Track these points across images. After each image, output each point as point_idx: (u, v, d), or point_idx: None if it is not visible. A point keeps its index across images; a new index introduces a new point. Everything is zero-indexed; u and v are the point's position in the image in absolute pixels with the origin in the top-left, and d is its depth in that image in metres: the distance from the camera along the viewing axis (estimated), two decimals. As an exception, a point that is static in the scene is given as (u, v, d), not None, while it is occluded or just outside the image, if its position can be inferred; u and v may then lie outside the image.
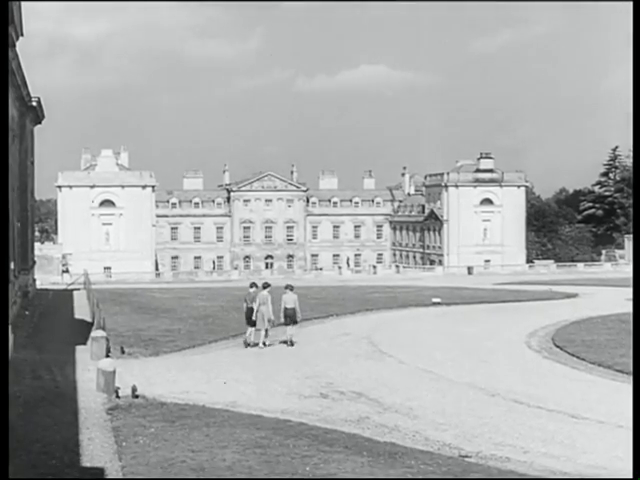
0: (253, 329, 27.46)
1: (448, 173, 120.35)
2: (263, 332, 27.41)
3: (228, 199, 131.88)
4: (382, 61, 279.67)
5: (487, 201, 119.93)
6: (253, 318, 27.25)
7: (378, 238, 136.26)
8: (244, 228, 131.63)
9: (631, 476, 11.66)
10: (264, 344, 27.24)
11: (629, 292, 46.67)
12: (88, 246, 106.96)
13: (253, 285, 28.61)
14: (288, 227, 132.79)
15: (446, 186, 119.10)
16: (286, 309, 27.95)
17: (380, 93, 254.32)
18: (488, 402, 18.92)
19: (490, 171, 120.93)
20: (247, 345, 27.27)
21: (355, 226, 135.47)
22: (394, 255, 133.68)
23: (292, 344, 27.58)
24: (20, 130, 37.69)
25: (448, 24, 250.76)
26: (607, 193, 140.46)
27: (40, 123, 46.43)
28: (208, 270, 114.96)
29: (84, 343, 25.05)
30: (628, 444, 13.17)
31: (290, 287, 28.86)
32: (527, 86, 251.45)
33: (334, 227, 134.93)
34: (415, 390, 20.21)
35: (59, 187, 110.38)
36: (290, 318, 27.91)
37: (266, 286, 28.03)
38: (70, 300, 44.02)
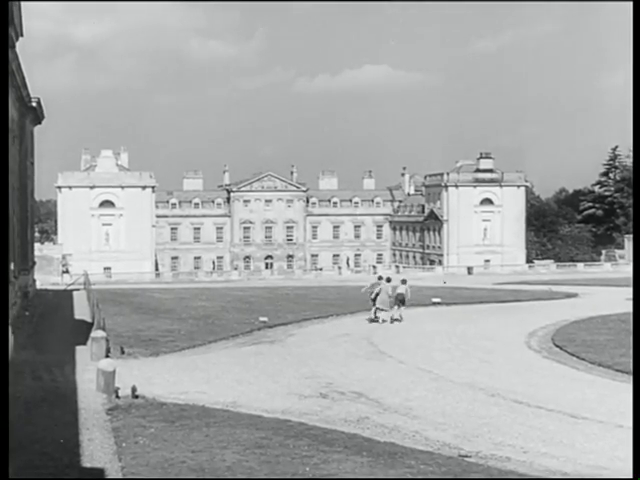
0: (376, 308, 35.50)
1: (448, 173, 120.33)
2: (384, 312, 35.35)
3: (228, 199, 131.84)
4: (384, 61, 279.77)
5: (487, 201, 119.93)
6: (377, 302, 35.42)
7: (378, 238, 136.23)
8: (244, 228, 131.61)
9: (631, 476, 11.67)
10: (384, 320, 35.06)
11: (629, 292, 46.68)
12: (88, 247, 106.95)
13: (380, 278, 37.32)
14: (288, 227, 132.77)
15: (446, 186, 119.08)
16: (398, 294, 36.38)
17: (380, 93, 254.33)
18: (488, 402, 18.91)
19: (490, 171, 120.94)
20: (372, 321, 35.19)
21: (355, 226, 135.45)
22: (394, 255, 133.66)
23: (401, 319, 35.70)
24: (20, 131, 37.68)
25: (449, 24, 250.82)
26: (607, 193, 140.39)
27: (40, 124, 46.43)
28: (208, 270, 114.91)
29: (84, 343, 25.05)
30: (628, 444, 13.17)
31: (404, 281, 37.81)
32: (527, 86, 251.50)
33: (334, 227, 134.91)
34: (415, 390, 20.20)
35: (59, 188, 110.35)
36: (401, 302, 36.35)
37: (389, 280, 36.92)
38: (70, 300, 44.02)
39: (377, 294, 35.42)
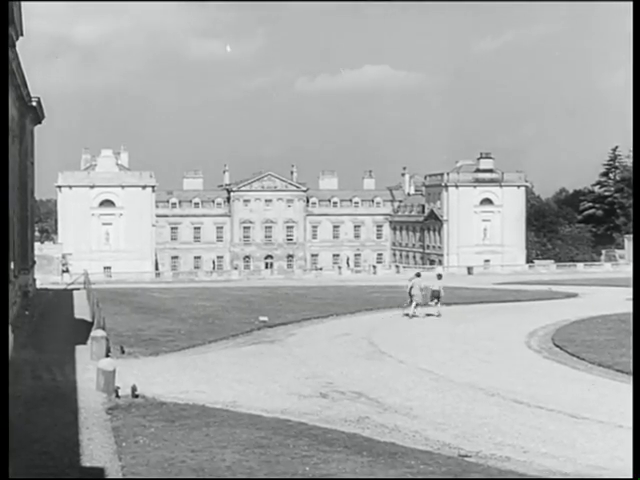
0: (414, 304, 37.18)
1: (448, 173, 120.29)
2: (413, 306, 37.08)
3: (228, 199, 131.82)
4: (385, 61, 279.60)
5: (487, 201, 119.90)
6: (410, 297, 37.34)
7: (378, 238, 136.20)
8: (244, 228, 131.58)
9: (631, 476, 11.67)
10: (414, 315, 36.92)
11: (629, 292, 46.63)
12: (88, 246, 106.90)
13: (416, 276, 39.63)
14: (288, 227, 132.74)
15: (446, 186, 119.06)
16: (433, 290, 38.08)
17: (381, 93, 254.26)
18: (488, 402, 18.91)
19: (490, 171, 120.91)
20: (407, 315, 37.03)
21: (355, 226, 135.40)
22: (394, 255, 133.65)
23: (439, 315, 37.41)
24: (20, 130, 37.68)
25: (450, 25, 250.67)
26: (607, 193, 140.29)
27: (40, 123, 46.43)
28: (208, 270, 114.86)
29: (84, 343, 25.04)
30: (628, 444, 13.16)
31: (439, 276, 40.99)
32: (527, 86, 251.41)
33: (334, 227, 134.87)
34: (415, 390, 20.20)
35: (59, 187, 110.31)
36: (436, 298, 38.05)
37: (419, 275, 39.43)
38: (70, 300, 44.02)
39: (411, 288, 37.55)
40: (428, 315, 37.38)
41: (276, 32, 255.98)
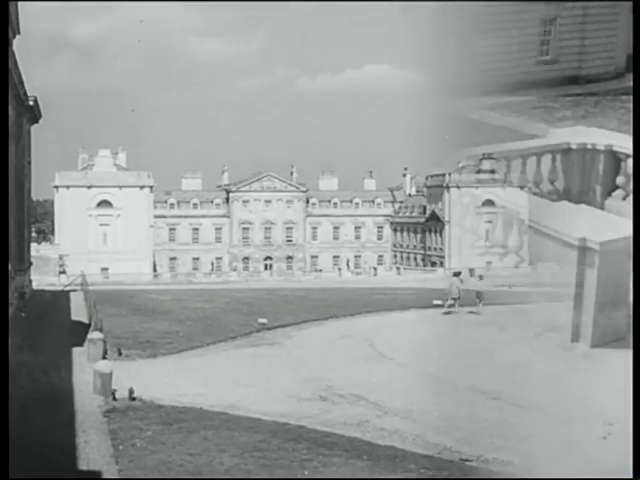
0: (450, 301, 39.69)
1: (450, 174, 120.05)
2: (452, 302, 39.65)
3: (227, 200, 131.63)
4: (385, 61, 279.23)
5: (489, 202, 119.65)
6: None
7: (379, 239, 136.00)
8: (243, 229, 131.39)
9: (631, 476, 11.56)
10: (455, 311, 39.26)
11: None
12: (85, 247, 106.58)
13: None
14: (287, 228, 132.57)
15: (448, 187, 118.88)
16: (477, 292, 41.22)
17: (381, 93, 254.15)
18: (489, 405, 18.77)
19: (492, 172, 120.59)
20: (449, 313, 39.33)
21: (355, 227, 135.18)
22: (395, 257, 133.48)
23: (478, 313, 39.25)
24: (17, 130, 37.51)
25: (452, 24, 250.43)
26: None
27: (37, 122, 46.26)
28: (207, 271, 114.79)
29: (81, 345, 24.91)
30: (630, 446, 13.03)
31: (480, 277, 45.36)
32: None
33: (334, 228, 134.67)
34: (415, 393, 20.04)
35: (56, 187, 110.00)
36: (478, 296, 40.66)
37: (458, 274, 42.33)
38: (67, 301, 43.86)
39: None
40: (470, 313, 39.42)
41: (276, 32, 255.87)
